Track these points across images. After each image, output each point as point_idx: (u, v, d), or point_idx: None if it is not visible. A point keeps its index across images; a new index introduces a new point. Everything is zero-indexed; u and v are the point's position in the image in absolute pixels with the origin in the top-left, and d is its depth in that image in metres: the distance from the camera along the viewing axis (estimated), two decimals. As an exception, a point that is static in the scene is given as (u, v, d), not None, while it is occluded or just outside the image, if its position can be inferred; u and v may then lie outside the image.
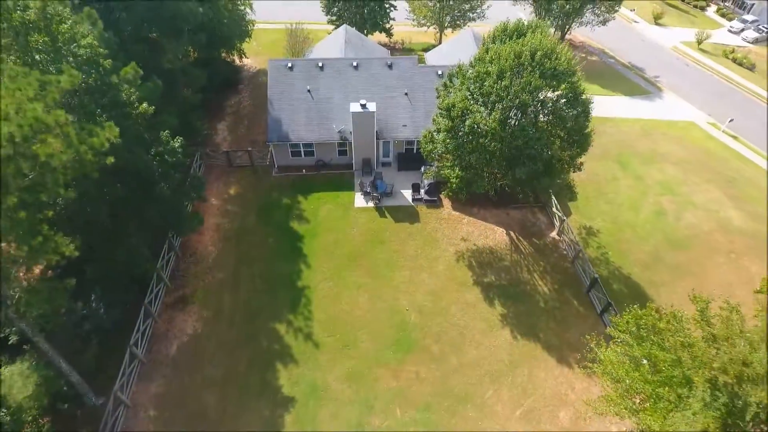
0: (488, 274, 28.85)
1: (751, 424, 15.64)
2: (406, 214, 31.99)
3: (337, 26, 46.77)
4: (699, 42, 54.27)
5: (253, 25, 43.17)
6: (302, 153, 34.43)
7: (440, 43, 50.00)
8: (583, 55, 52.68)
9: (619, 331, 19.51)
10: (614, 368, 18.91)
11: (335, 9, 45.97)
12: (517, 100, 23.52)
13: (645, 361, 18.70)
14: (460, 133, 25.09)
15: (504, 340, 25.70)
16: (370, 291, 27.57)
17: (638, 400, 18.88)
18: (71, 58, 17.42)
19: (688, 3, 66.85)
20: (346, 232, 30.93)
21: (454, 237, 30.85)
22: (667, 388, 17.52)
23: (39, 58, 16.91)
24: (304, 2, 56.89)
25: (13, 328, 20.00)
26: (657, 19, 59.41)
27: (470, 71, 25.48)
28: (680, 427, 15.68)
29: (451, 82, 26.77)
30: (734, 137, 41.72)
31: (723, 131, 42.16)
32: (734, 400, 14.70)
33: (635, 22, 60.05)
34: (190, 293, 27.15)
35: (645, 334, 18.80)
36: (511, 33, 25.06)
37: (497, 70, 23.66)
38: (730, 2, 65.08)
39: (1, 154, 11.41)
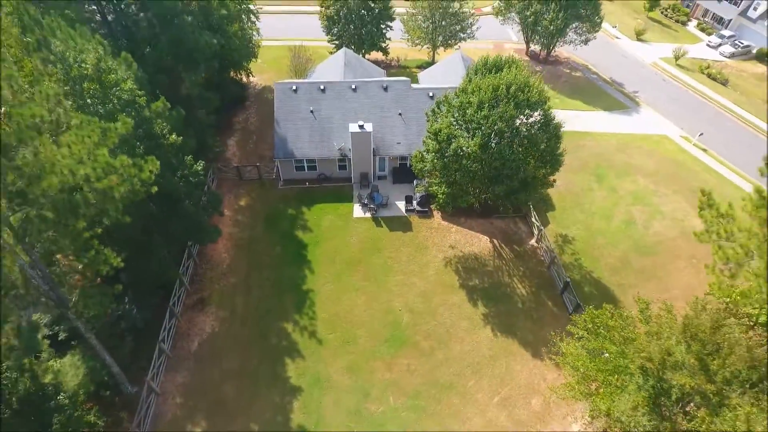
0: (473, 278, 32.26)
1: (679, 404, 19.14)
2: (400, 224, 35.42)
3: (337, 45, 50.26)
4: (676, 58, 57.74)
5: (259, 46, 46.61)
6: (306, 167, 37.84)
7: (434, 60, 53.47)
8: (568, 70, 56.21)
9: (579, 328, 22.98)
10: (573, 359, 22.38)
11: (335, 30, 49.32)
12: (495, 127, 26.95)
13: (606, 354, 22.17)
14: (446, 155, 28.51)
15: (485, 337, 29.12)
16: (368, 293, 30.97)
17: (594, 387, 22.37)
18: (116, 100, 20.84)
19: (670, 18, 70.27)
20: (346, 240, 34.33)
21: (443, 245, 34.27)
22: (616, 376, 21.01)
23: (90, 102, 20.33)
24: (306, 21, 60.24)
25: (62, 326, 23.51)
26: (639, 35, 62.84)
27: (455, 100, 28.92)
28: (620, 406, 19.16)
29: (438, 108, 30.22)
30: (704, 150, 45.19)
31: (694, 144, 45.63)
32: (660, 383, 18.14)
33: (617, 38, 63.50)
34: (207, 296, 30.56)
35: (599, 331, 22.30)
36: (491, 67, 28.51)
37: (477, 100, 27.13)
38: (710, 18, 68.53)
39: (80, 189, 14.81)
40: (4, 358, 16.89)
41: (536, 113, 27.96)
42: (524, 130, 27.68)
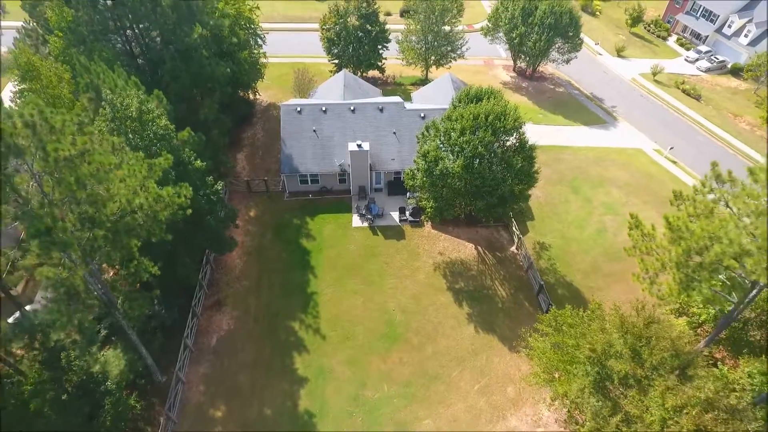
0: (459, 281, 36.25)
1: (623, 386, 23.11)
2: (394, 233, 39.41)
3: (337, 64, 54.28)
4: (654, 74, 61.79)
5: (266, 68, 50.57)
6: (309, 181, 41.84)
7: (426, 77, 57.50)
8: (552, 86, 60.25)
9: (544, 325, 27.00)
10: (539, 352, 26.38)
11: (335, 51, 53.30)
12: (476, 151, 30.95)
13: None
14: (434, 174, 32.49)
15: (469, 333, 33.11)
16: (365, 295, 34.95)
17: (557, 375, 26.37)
18: (151, 135, 24.81)
19: (653, 33, 74.28)
20: (345, 247, 38.30)
21: (433, 251, 38.26)
22: (574, 365, 25.01)
23: (131, 136, 24.29)
24: (309, 38, 64.13)
25: (102, 324, 27.49)
26: (619, 52, 66.87)
27: (441, 126, 32.92)
28: (574, 389, 23.17)
29: (427, 132, 34.20)
30: (674, 162, 49.22)
31: (665, 157, 49.67)
32: (603, 369, 22.14)
33: (600, 54, 67.56)
34: (223, 298, 34.54)
35: (562, 328, 26.31)
36: (472, 98, 32.52)
37: (460, 127, 31.14)
38: (688, 33, 72.60)
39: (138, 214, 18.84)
40: (71, 350, 20.84)
41: (512, 138, 31.96)
42: (500, 152, 31.66)
